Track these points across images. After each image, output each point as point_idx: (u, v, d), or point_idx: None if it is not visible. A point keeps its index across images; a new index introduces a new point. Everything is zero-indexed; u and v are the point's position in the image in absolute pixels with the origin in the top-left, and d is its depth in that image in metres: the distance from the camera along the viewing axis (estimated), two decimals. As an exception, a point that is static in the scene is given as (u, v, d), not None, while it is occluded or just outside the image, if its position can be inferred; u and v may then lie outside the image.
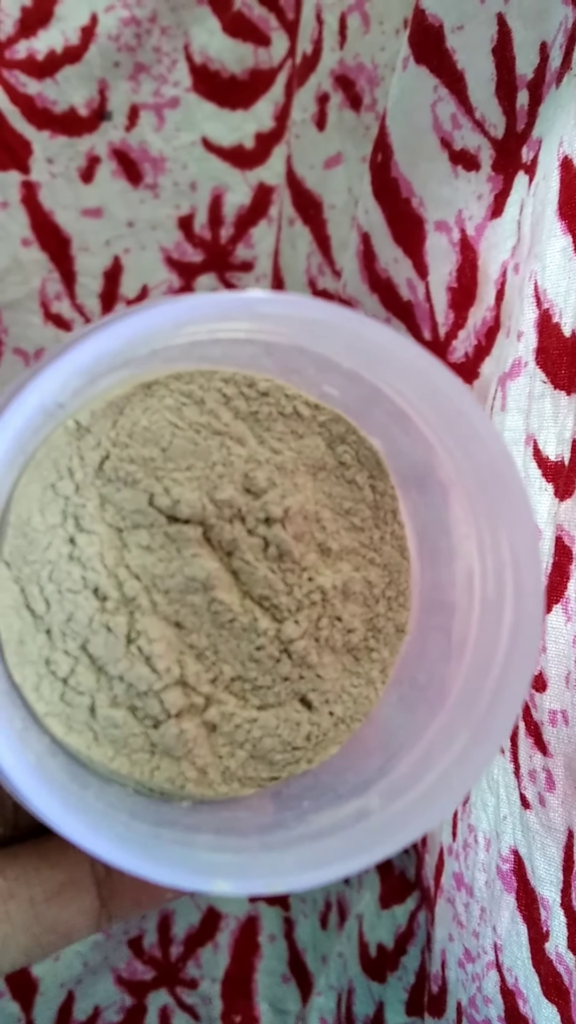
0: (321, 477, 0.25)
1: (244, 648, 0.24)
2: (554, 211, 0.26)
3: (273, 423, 0.25)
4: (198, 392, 0.24)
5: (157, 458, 0.24)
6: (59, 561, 0.23)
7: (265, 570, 0.24)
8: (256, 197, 0.46)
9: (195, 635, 0.24)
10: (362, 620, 0.25)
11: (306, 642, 0.24)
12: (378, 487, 0.26)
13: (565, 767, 0.26)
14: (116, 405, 0.24)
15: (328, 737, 0.25)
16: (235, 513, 0.24)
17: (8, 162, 0.43)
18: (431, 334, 0.34)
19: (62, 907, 0.24)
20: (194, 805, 0.24)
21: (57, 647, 0.23)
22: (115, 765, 0.23)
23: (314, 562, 0.25)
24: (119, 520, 0.24)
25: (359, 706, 0.25)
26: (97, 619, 0.23)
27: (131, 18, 0.42)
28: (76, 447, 0.23)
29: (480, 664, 0.22)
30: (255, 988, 0.51)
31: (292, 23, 0.42)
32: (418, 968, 0.40)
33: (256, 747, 0.24)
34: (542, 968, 0.27)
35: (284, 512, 0.24)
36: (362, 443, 0.25)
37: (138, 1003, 0.51)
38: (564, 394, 0.26)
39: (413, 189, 0.33)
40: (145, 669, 0.23)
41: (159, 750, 0.23)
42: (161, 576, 0.24)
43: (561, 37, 0.28)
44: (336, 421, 0.25)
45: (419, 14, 0.30)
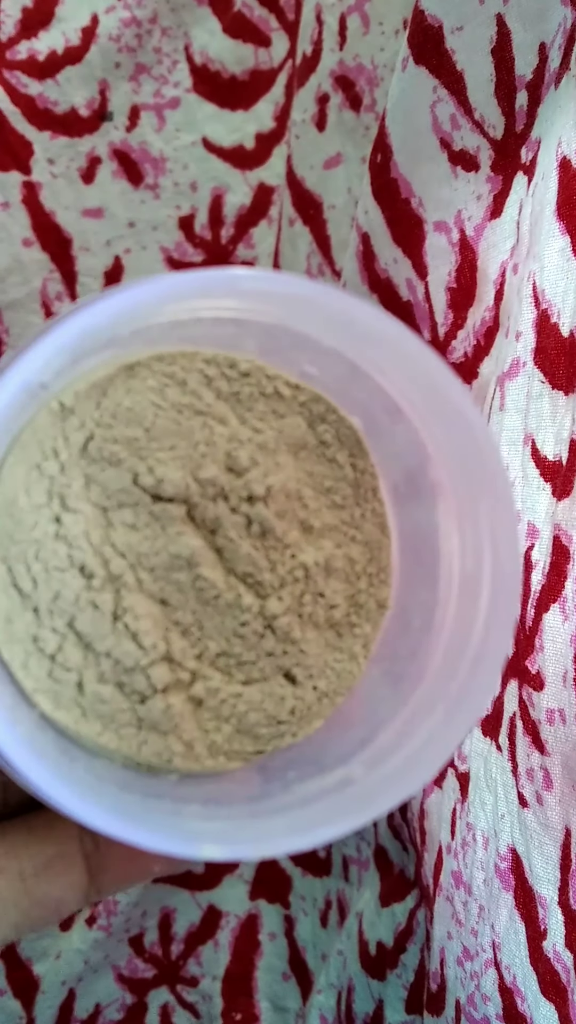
0: (302, 456, 0.26)
1: (229, 624, 0.25)
2: (552, 211, 0.26)
3: (254, 403, 0.25)
4: (180, 373, 0.25)
5: (141, 438, 0.24)
6: (45, 540, 0.23)
7: (248, 547, 0.25)
8: (256, 197, 0.46)
9: (180, 612, 0.24)
10: (344, 596, 0.26)
11: (289, 618, 0.25)
12: (358, 465, 0.26)
13: (563, 766, 0.26)
14: (99, 386, 0.24)
15: (312, 711, 0.26)
16: (218, 492, 0.24)
17: (9, 163, 0.43)
18: (430, 334, 0.35)
19: (51, 881, 0.25)
20: (181, 778, 0.25)
21: (44, 625, 0.23)
22: (103, 740, 0.24)
23: (296, 539, 0.25)
24: (104, 499, 0.24)
25: (342, 680, 0.26)
26: (83, 597, 0.23)
27: (132, 19, 0.42)
28: (60, 428, 0.24)
29: (459, 637, 0.23)
30: (255, 986, 0.51)
31: (292, 24, 0.42)
32: (418, 966, 0.40)
33: (241, 721, 0.25)
34: (540, 966, 0.27)
35: (266, 490, 0.24)
36: (342, 422, 0.26)
37: (139, 1001, 0.51)
38: (562, 394, 0.26)
39: (412, 189, 0.33)
40: (131, 645, 0.24)
41: (146, 725, 0.24)
42: (146, 554, 0.24)
43: (560, 38, 0.28)
44: (316, 401, 0.25)
45: (418, 15, 0.30)
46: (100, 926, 0.50)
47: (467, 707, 0.22)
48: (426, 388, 0.22)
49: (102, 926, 0.50)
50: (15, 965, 0.49)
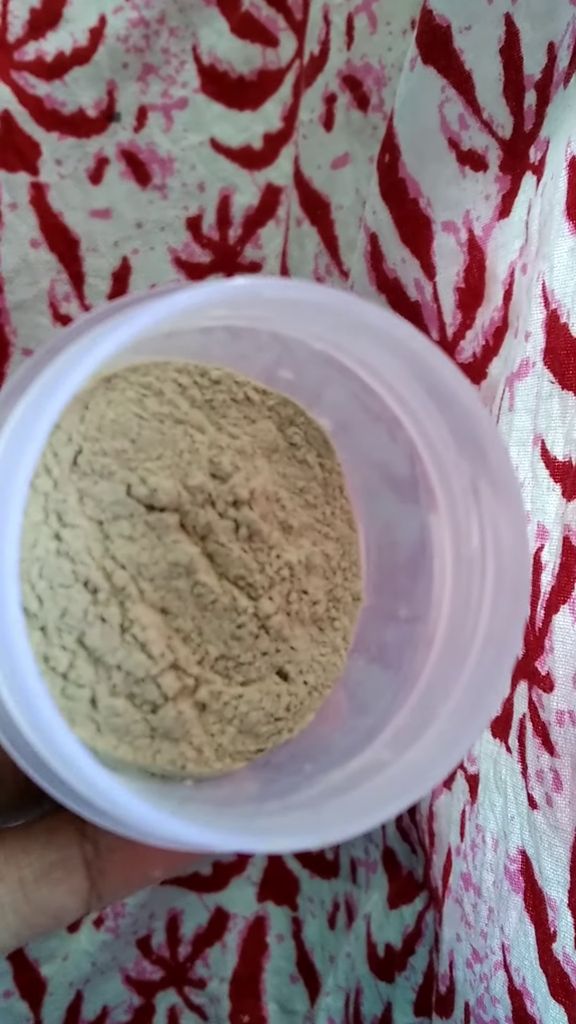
0: (275, 459, 0.26)
1: (226, 627, 0.25)
2: (562, 211, 0.26)
3: (227, 410, 0.26)
4: (156, 383, 0.25)
5: (128, 449, 0.24)
6: (47, 557, 0.23)
7: (239, 551, 0.25)
8: (264, 198, 0.46)
9: (180, 619, 0.25)
10: (324, 592, 0.27)
11: (280, 616, 0.26)
12: (326, 464, 0.27)
13: (572, 767, 0.26)
14: (81, 400, 0.24)
15: (304, 705, 0.26)
16: (206, 498, 0.25)
17: (17, 164, 0.43)
18: (439, 334, 0.34)
19: (52, 888, 0.25)
20: (195, 784, 0.25)
21: (54, 643, 0.23)
22: (119, 753, 0.24)
23: (278, 540, 0.26)
24: (99, 512, 0.24)
25: (328, 673, 0.27)
26: (91, 611, 0.24)
27: (139, 19, 0.42)
28: (49, 444, 0.24)
29: (462, 619, 0.23)
30: (263, 988, 0.51)
31: (300, 24, 0.42)
32: (426, 968, 0.40)
33: (243, 722, 0.25)
34: (549, 968, 0.27)
35: (250, 494, 0.25)
36: (310, 424, 0.27)
37: (146, 1003, 0.51)
38: (572, 394, 0.26)
39: (421, 189, 0.33)
40: (141, 656, 0.24)
41: (159, 734, 0.24)
42: (146, 564, 0.24)
43: (569, 37, 0.28)
44: (284, 404, 0.26)
45: (427, 14, 0.30)
46: (108, 928, 0.50)
47: (484, 690, 0.22)
48: (430, 385, 0.23)
49: (110, 928, 0.50)
50: (22, 966, 0.49)
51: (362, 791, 0.23)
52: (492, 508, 0.23)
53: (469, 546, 0.23)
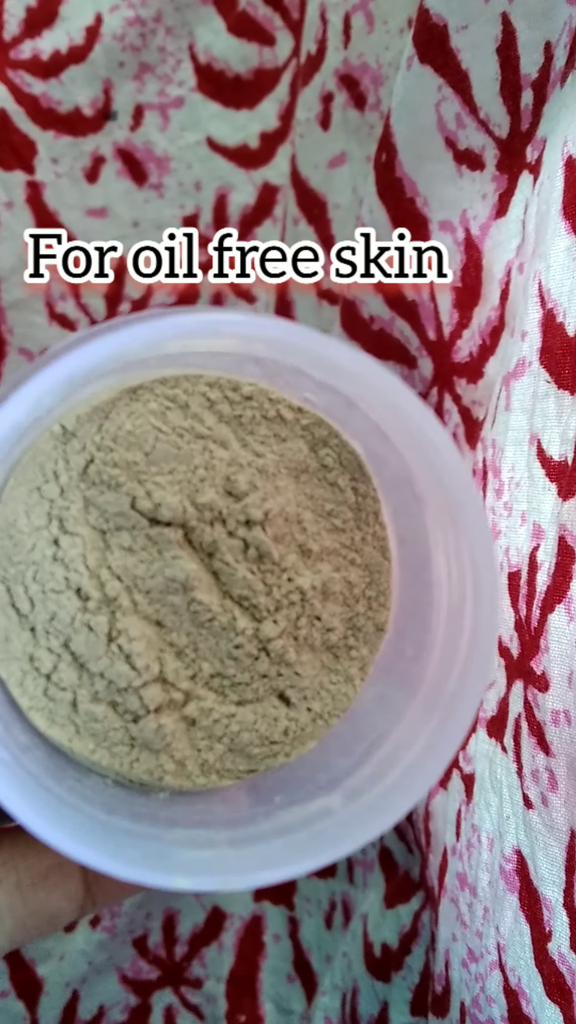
0: (303, 479, 0.26)
1: (223, 646, 0.25)
2: (558, 211, 0.26)
3: (256, 426, 0.25)
4: (183, 396, 0.25)
5: (140, 462, 0.24)
6: (43, 562, 0.24)
7: (244, 571, 0.25)
8: (261, 197, 0.46)
9: (175, 633, 0.25)
10: (342, 619, 0.26)
11: (284, 641, 0.25)
12: (360, 489, 0.26)
13: (568, 767, 0.26)
14: (102, 410, 0.24)
15: (306, 732, 0.26)
16: (216, 516, 0.25)
17: (13, 162, 0.43)
18: (435, 333, 0.34)
19: (48, 891, 0.25)
20: (172, 797, 0.25)
21: (41, 644, 0.24)
22: (96, 757, 0.24)
23: (294, 563, 0.25)
24: (102, 522, 0.24)
25: (337, 702, 0.26)
26: (79, 618, 0.24)
27: (136, 18, 0.42)
28: (62, 451, 0.24)
29: (443, 668, 0.23)
30: (260, 988, 0.51)
31: (297, 23, 0.42)
32: (422, 968, 0.40)
33: (234, 741, 0.25)
34: (545, 968, 0.27)
35: (264, 515, 0.25)
36: (344, 447, 0.26)
37: (143, 1003, 0.51)
38: (568, 394, 0.26)
39: (417, 188, 0.33)
40: (125, 667, 0.24)
41: (138, 743, 0.24)
42: (142, 577, 0.24)
43: (566, 37, 0.28)
44: (319, 425, 0.26)
45: (423, 13, 0.30)
46: (104, 927, 0.50)
47: (445, 741, 0.22)
48: (407, 426, 0.22)
49: (106, 927, 0.50)
50: (18, 966, 0.49)
51: (294, 838, 0.23)
52: (469, 547, 0.22)
53: (456, 591, 0.23)
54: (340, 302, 0.40)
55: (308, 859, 0.21)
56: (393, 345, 0.38)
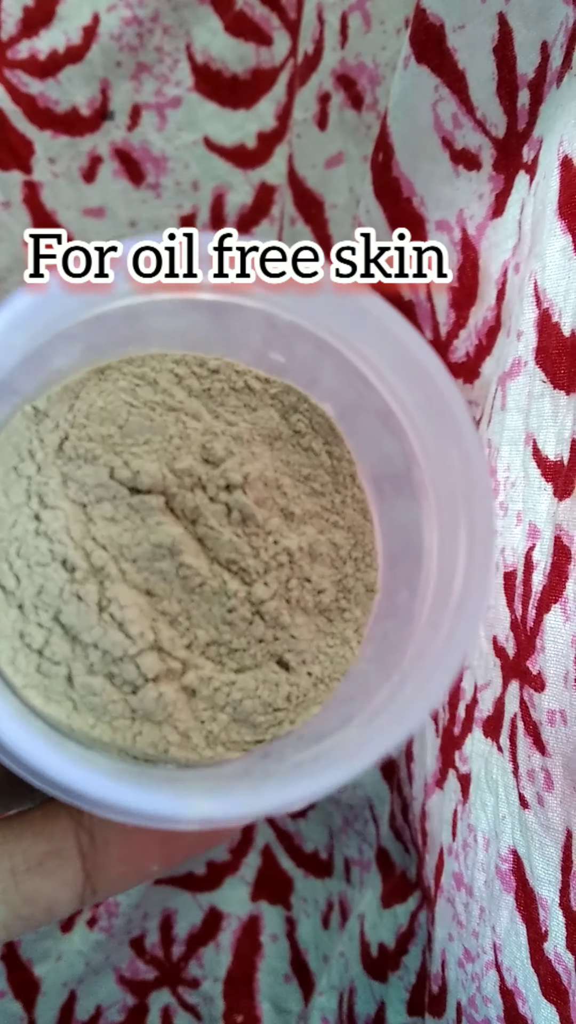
0: (278, 446, 0.26)
1: (216, 612, 0.25)
2: (554, 211, 0.26)
3: (226, 398, 0.26)
4: (150, 374, 0.25)
5: (115, 435, 0.25)
6: (26, 537, 0.24)
7: (230, 534, 0.25)
8: (258, 197, 0.46)
9: (166, 601, 0.25)
10: (331, 581, 0.26)
11: (277, 603, 0.25)
12: (334, 452, 0.26)
13: (563, 767, 0.26)
14: (72, 390, 0.25)
15: (309, 697, 0.26)
16: (195, 482, 0.25)
17: (10, 162, 0.43)
18: (432, 333, 0.34)
19: (44, 878, 0.24)
20: (178, 770, 0.25)
21: (30, 620, 0.24)
22: (96, 733, 0.24)
23: (278, 526, 0.25)
24: (82, 495, 0.24)
25: (336, 665, 0.26)
26: (67, 589, 0.24)
27: (133, 18, 0.42)
28: (35, 431, 0.24)
29: (431, 624, 0.23)
30: (257, 987, 0.51)
31: (294, 22, 0.42)
32: (419, 968, 0.40)
33: (237, 710, 0.25)
34: (541, 968, 0.27)
35: (244, 478, 0.25)
36: (314, 411, 0.26)
37: (140, 1003, 0.51)
38: (563, 393, 0.26)
39: (414, 188, 0.33)
40: (119, 635, 0.24)
41: (139, 715, 0.24)
42: (128, 545, 0.24)
43: (562, 36, 0.28)
44: (287, 392, 0.26)
45: (420, 13, 0.30)
46: (101, 927, 0.50)
47: (450, 656, 0.22)
48: (419, 387, 0.22)
49: (103, 927, 0.50)
50: (16, 967, 0.49)
51: (306, 768, 0.23)
52: (469, 516, 0.22)
53: (448, 555, 0.23)
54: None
55: (330, 773, 0.21)
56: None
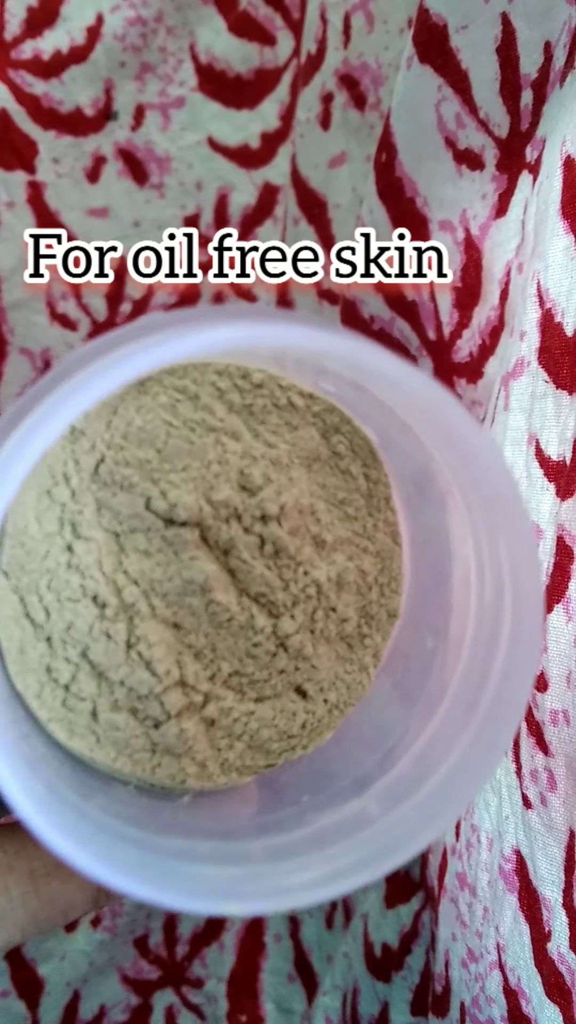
0: (316, 468, 0.25)
1: (241, 645, 0.24)
2: (557, 210, 0.26)
3: (267, 415, 0.25)
4: (192, 387, 0.24)
5: (153, 459, 0.24)
6: (57, 570, 0.23)
7: (262, 568, 0.24)
8: (262, 196, 0.46)
9: (193, 635, 0.24)
10: (355, 608, 0.25)
11: (302, 635, 0.25)
12: (372, 475, 0.26)
13: (567, 767, 0.26)
14: (109, 405, 0.24)
15: (322, 723, 0.25)
16: (231, 512, 0.24)
17: (14, 162, 0.43)
18: (435, 333, 0.34)
19: (62, 882, 0.24)
20: (194, 799, 0.24)
21: (58, 655, 0.23)
22: (118, 765, 0.24)
23: (309, 555, 0.25)
24: (116, 525, 0.24)
25: (352, 692, 0.26)
26: (97, 627, 0.23)
27: (137, 18, 0.42)
28: (71, 451, 0.24)
29: (477, 668, 0.22)
30: (261, 988, 0.51)
31: (297, 22, 0.42)
32: (423, 968, 0.40)
33: (253, 738, 0.25)
34: (544, 968, 0.27)
35: (280, 509, 0.24)
36: (356, 433, 0.25)
37: (144, 1002, 0.51)
38: (566, 393, 0.26)
39: (417, 188, 0.33)
40: (145, 673, 0.23)
41: (160, 749, 0.24)
42: (159, 580, 0.24)
43: (565, 37, 0.28)
44: (330, 411, 0.25)
45: (423, 14, 0.30)
46: (105, 927, 0.50)
47: (490, 744, 0.21)
48: (444, 428, 0.21)
49: (107, 927, 0.50)
50: (20, 966, 0.49)
51: (333, 851, 0.21)
52: (512, 558, 0.21)
53: (490, 590, 0.22)
54: (340, 302, 0.40)
55: (353, 876, 0.20)
56: (393, 345, 0.38)
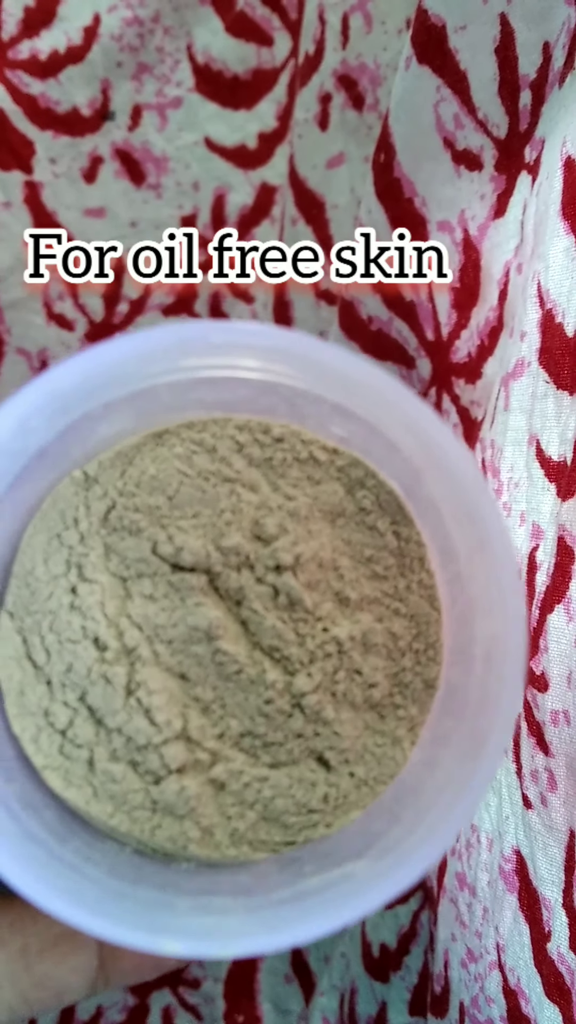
0: (340, 524, 0.24)
1: (252, 701, 0.23)
2: (557, 211, 0.26)
3: (288, 469, 0.24)
4: (210, 440, 0.23)
5: (163, 506, 0.23)
6: (60, 611, 0.23)
7: (274, 619, 0.23)
8: (259, 197, 0.46)
9: (200, 687, 0.23)
10: (385, 674, 0.24)
11: (320, 696, 0.23)
12: (402, 533, 0.24)
13: (567, 767, 0.26)
14: (125, 455, 0.23)
15: (349, 800, 0.24)
16: (243, 560, 0.23)
17: (11, 162, 0.43)
18: (434, 334, 0.34)
19: (57, 961, 0.23)
20: (197, 868, 0.23)
21: (56, 698, 0.23)
22: (114, 822, 0.23)
23: (330, 612, 0.23)
24: (123, 569, 0.23)
25: (383, 767, 0.24)
26: (96, 669, 0.23)
27: (134, 18, 0.42)
28: (83, 497, 0.23)
29: (474, 725, 0.21)
30: (258, 988, 0.51)
31: (295, 23, 0.42)
32: (421, 968, 0.40)
33: (267, 808, 0.23)
34: (544, 968, 0.27)
35: (295, 559, 0.23)
36: (382, 487, 0.24)
37: (141, 1003, 0.51)
38: (567, 394, 0.26)
39: (416, 189, 0.33)
40: (144, 722, 0.22)
41: (160, 807, 0.23)
42: (164, 626, 0.23)
43: (564, 37, 0.28)
44: (354, 465, 0.24)
45: (422, 14, 0.30)
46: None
47: (465, 794, 0.20)
48: (439, 464, 0.21)
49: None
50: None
51: (307, 903, 0.21)
52: (493, 610, 0.21)
53: (491, 647, 0.21)
54: (338, 303, 0.40)
55: (324, 920, 0.19)
56: (391, 346, 0.38)
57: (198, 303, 0.47)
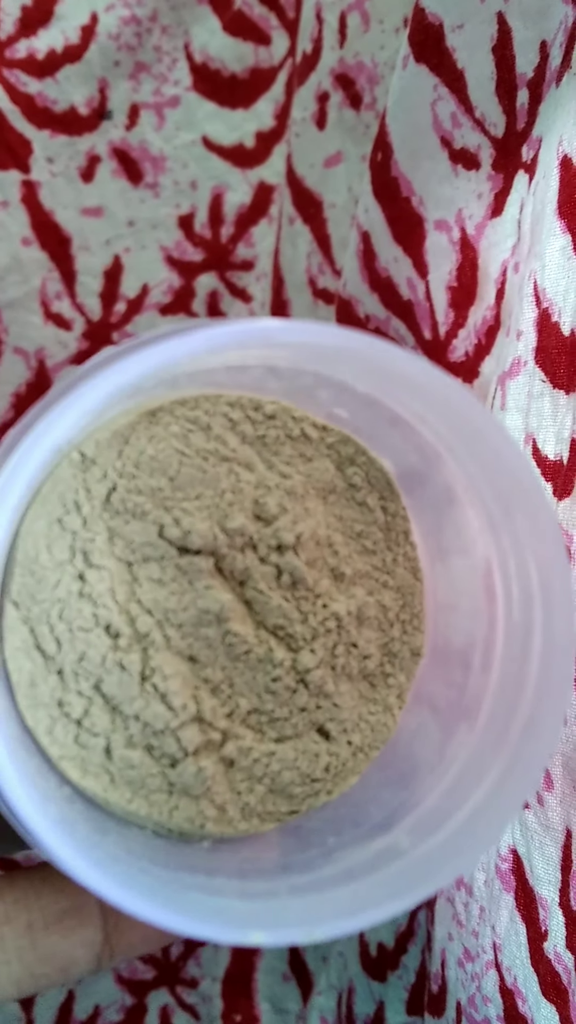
0: (331, 500, 0.25)
1: (260, 680, 0.24)
2: (554, 210, 0.26)
3: (281, 446, 0.24)
4: (203, 418, 0.24)
5: (165, 488, 0.23)
6: (69, 599, 0.23)
7: (279, 599, 0.24)
8: (256, 196, 0.46)
9: (210, 669, 0.23)
10: (377, 645, 0.25)
11: (322, 671, 0.24)
12: (389, 508, 0.25)
13: (563, 767, 0.26)
14: (121, 435, 0.23)
15: (347, 767, 0.24)
16: (246, 541, 0.23)
17: (8, 161, 0.43)
18: (431, 333, 0.34)
19: (62, 936, 0.23)
20: (214, 845, 0.23)
21: (70, 688, 0.23)
22: (133, 807, 0.23)
23: (327, 588, 0.24)
24: (129, 553, 0.23)
25: (377, 734, 0.25)
26: (110, 657, 0.23)
27: (131, 17, 0.42)
28: (82, 479, 0.23)
29: (508, 693, 0.21)
30: (255, 987, 0.51)
31: (292, 22, 0.42)
32: (418, 967, 0.40)
33: (275, 781, 0.24)
34: (541, 967, 0.27)
35: (296, 538, 0.23)
36: (372, 464, 0.25)
37: (138, 1002, 0.51)
38: (563, 393, 0.26)
39: (413, 188, 0.33)
40: (161, 707, 0.23)
41: (177, 789, 0.23)
42: (174, 610, 0.23)
43: (561, 36, 0.28)
44: (345, 442, 0.25)
45: (419, 13, 0.30)
46: (100, 927, 0.50)
47: (524, 769, 0.20)
48: (467, 433, 0.21)
49: (102, 927, 0.50)
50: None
51: (362, 884, 0.21)
52: (541, 577, 0.21)
53: (519, 610, 0.22)
54: (336, 302, 0.40)
55: (383, 906, 0.19)
56: (389, 345, 0.38)
57: (196, 303, 0.47)
